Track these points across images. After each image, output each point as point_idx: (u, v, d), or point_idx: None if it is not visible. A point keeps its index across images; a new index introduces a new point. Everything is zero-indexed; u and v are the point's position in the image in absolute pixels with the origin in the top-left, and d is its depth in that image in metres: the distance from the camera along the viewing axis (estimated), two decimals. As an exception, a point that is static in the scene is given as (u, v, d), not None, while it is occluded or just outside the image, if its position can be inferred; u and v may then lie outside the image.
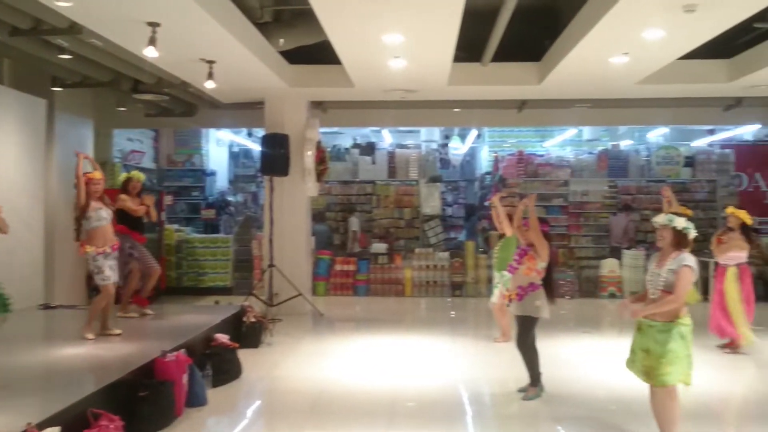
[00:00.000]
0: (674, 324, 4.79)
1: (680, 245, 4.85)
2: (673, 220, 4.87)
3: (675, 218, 4.88)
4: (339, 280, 13.64)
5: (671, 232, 4.86)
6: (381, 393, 6.76)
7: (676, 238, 4.85)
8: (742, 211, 8.63)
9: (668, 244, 4.88)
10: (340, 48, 8.45)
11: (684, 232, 4.85)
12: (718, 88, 10.84)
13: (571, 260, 14.37)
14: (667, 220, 4.89)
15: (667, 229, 4.87)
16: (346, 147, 17.26)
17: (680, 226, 4.84)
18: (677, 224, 4.85)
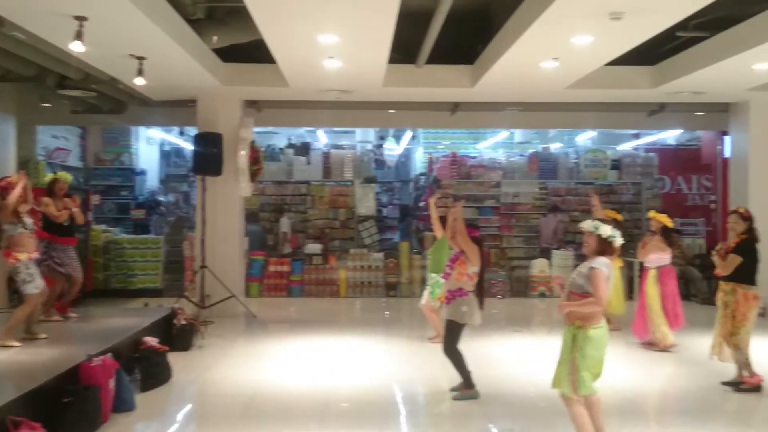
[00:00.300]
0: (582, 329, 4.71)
1: (604, 253, 4.80)
2: (599, 228, 4.81)
3: (601, 225, 4.82)
4: (273, 281, 13.51)
5: (596, 239, 4.81)
6: (315, 394, 6.73)
7: (601, 246, 4.80)
8: (663, 215, 8.92)
9: (592, 251, 4.83)
10: (274, 47, 8.38)
11: (609, 240, 4.79)
12: (643, 93, 11.24)
13: (502, 260, 14.63)
14: (593, 227, 4.83)
15: (592, 236, 4.82)
16: (280, 147, 17.12)
17: (605, 234, 4.79)
18: (602, 232, 4.79)
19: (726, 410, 6.42)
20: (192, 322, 8.68)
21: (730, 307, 6.72)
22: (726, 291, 6.76)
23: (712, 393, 6.81)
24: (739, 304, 6.67)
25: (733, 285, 6.72)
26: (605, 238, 4.77)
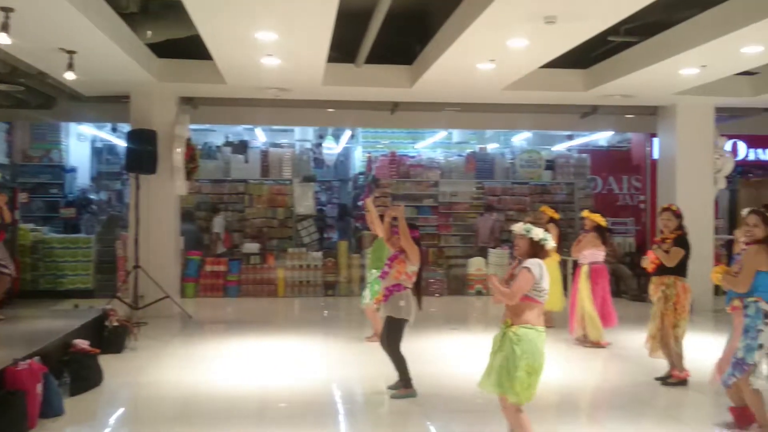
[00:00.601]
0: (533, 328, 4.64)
1: (536, 256, 4.74)
2: (531, 231, 4.74)
3: (533, 228, 4.76)
4: (209, 281, 13.28)
5: (528, 242, 4.74)
6: (252, 395, 6.66)
7: (532, 249, 4.73)
8: (596, 214, 9.14)
9: (523, 254, 4.77)
10: (211, 43, 8.24)
11: (541, 243, 4.73)
12: (576, 96, 11.53)
13: (440, 259, 14.77)
14: (525, 230, 4.76)
15: (524, 239, 4.76)
16: (217, 145, 16.85)
17: (537, 237, 4.72)
18: (534, 235, 4.73)
19: (657, 405, 6.63)
20: (125, 323, 8.47)
21: (671, 300, 6.90)
22: (668, 284, 6.92)
23: (644, 388, 7.02)
24: (680, 296, 6.90)
25: (674, 278, 6.92)
26: (537, 241, 4.72)
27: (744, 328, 5.23)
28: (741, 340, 5.23)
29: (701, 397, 6.80)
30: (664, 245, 6.96)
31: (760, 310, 5.16)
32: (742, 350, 5.21)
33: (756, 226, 5.29)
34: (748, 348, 5.18)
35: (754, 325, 5.16)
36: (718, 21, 7.74)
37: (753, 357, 5.16)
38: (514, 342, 4.55)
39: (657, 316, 6.97)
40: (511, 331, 4.60)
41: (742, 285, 5.22)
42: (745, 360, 5.18)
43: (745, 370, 5.19)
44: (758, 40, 7.84)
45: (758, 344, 5.14)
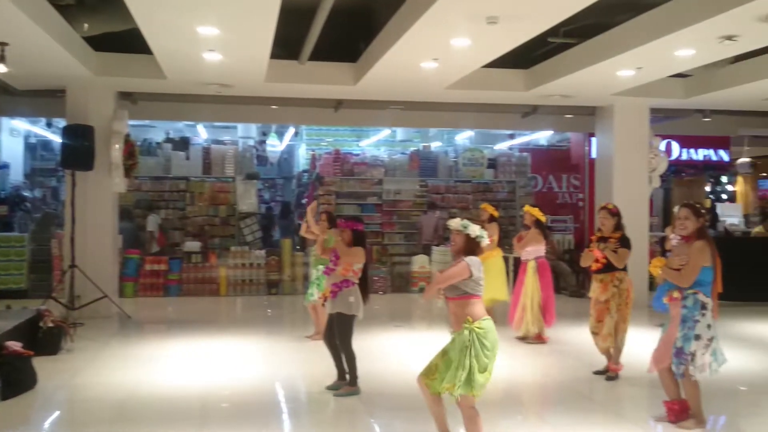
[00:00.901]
0: (466, 328, 4.63)
1: (471, 252, 4.73)
2: (468, 227, 4.75)
3: (470, 225, 4.77)
4: (149, 280, 13.02)
5: (464, 238, 4.74)
6: (193, 396, 6.55)
7: (468, 245, 4.73)
8: (535, 208, 9.28)
9: (459, 250, 4.76)
10: (150, 37, 8.07)
11: (477, 240, 4.74)
12: (517, 96, 11.72)
13: (383, 257, 14.82)
14: (461, 226, 4.76)
15: (460, 235, 4.76)
16: (157, 141, 16.52)
17: (474, 234, 4.73)
18: (471, 231, 4.73)
19: (595, 399, 6.80)
20: (60, 324, 8.23)
21: (623, 296, 7.08)
22: (620, 279, 7.07)
23: (583, 382, 7.18)
24: (629, 291, 7.11)
25: (621, 274, 7.09)
26: (473, 237, 4.72)
27: (682, 318, 5.36)
28: (679, 330, 5.37)
29: (635, 389, 7.01)
30: (610, 245, 7.07)
31: (698, 301, 5.31)
32: (680, 339, 5.36)
33: (687, 218, 5.43)
34: (685, 337, 5.32)
35: (692, 315, 5.31)
36: (652, 25, 7.98)
37: (690, 346, 5.30)
38: (482, 336, 4.59)
39: (613, 314, 7.06)
40: (475, 326, 4.60)
41: (686, 280, 5.33)
42: (683, 349, 5.33)
43: (685, 359, 5.34)
44: (690, 43, 8.11)
45: (695, 334, 5.30)
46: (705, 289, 5.35)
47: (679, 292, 5.39)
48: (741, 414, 6.05)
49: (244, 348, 8.76)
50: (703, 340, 5.31)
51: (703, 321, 5.31)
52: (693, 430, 5.46)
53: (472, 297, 4.67)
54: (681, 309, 5.37)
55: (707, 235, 5.49)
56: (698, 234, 5.42)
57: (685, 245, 5.48)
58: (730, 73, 10.56)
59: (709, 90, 11.19)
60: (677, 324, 5.39)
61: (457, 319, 4.69)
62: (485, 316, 4.70)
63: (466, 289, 4.66)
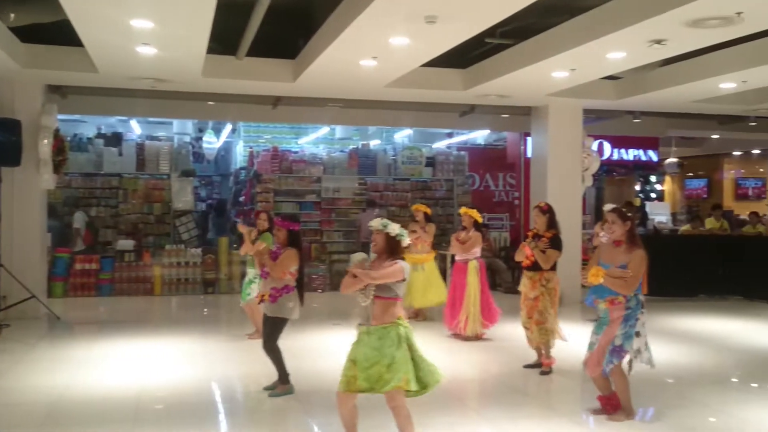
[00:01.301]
0: (392, 326, 4.71)
1: (393, 252, 4.76)
2: (388, 226, 4.76)
3: (390, 224, 4.78)
4: (80, 279, 12.63)
5: (384, 238, 4.76)
6: (126, 397, 6.39)
7: (389, 245, 4.76)
8: (473, 210, 9.35)
9: (381, 249, 4.79)
10: (81, 30, 7.80)
11: (398, 239, 4.76)
12: (455, 95, 11.84)
13: (322, 255, 14.76)
14: (381, 226, 4.77)
15: (380, 235, 4.78)
16: (89, 136, 16.02)
17: (394, 233, 4.74)
18: (391, 230, 4.75)
19: (530, 393, 6.94)
20: (-15, 326, 7.92)
21: (551, 295, 7.25)
22: (549, 278, 7.24)
23: (518, 377, 7.32)
24: (556, 291, 7.29)
25: (550, 274, 7.26)
26: (393, 236, 4.74)
27: (624, 317, 5.50)
28: (620, 329, 5.50)
29: (568, 383, 7.20)
30: (540, 244, 7.22)
31: (640, 301, 5.54)
32: (620, 338, 5.49)
33: (614, 222, 5.60)
34: (626, 335, 5.49)
35: (635, 314, 5.50)
36: (586, 28, 8.18)
37: (630, 344, 5.49)
38: (411, 334, 4.75)
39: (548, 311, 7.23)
40: (402, 326, 4.72)
41: (631, 289, 5.47)
42: (623, 347, 5.49)
43: (622, 356, 5.51)
44: (621, 46, 8.35)
45: (635, 332, 5.50)
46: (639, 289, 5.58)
47: (623, 296, 5.51)
48: (669, 405, 6.26)
49: (179, 348, 8.59)
50: (643, 337, 5.55)
51: (642, 318, 5.55)
52: (623, 421, 5.63)
53: (397, 299, 4.77)
54: (624, 311, 5.50)
55: (638, 240, 5.62)
56: (629, 238, 5.58)
57: (612, 247, 5.65)
58: (659, 76, 10.92)
59: (640, 92, 11.55)
60: (617, 325, 5.51)
61: (378, 318, 4.73)
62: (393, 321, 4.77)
63: (397, 292, 4.72)
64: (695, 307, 11.82)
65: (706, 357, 8.32)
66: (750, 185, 23.02)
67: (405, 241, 4.80)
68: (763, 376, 7.52)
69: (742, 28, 7.43)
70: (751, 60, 9.28)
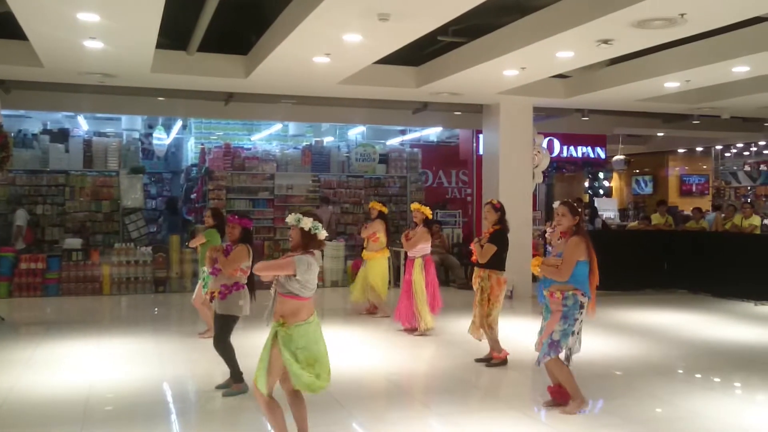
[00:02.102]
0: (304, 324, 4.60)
1: (308, 246, 4.68)
2: (301, 221, 4.67)
3: (303, 218, 4.68)
4: (25, 279, 12.26)
5: (299, 233, 4.68)
6: (74, 399, 6.24)
7: (304, 239, 4.68)
8: (425, 207, 9.44)
9: (297, 244, 4.71)
10: (25, 22, 7.60)
11: (312, 233, 4.67)
12: (408, 92, 11.91)
13: (275, 252, 14.66)
14: (295, 220, 4.68)
15: (295, 230, 4.70)
16: (34, 132, 15.61)
17: (307, 227, 4.65)
18: (304, 225, 4.65)
19: (480, 386, 7.03)
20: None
21: (486, 292, 7.36)
22: (483, 277, 7.39)
23: (468, 370, 7.40)
24: (493, 288, 7.36)
25: (488, 271, 7.37)
26: (308, 231, 4.66)
27: (563, 314, 5.63)
28: (559, 325, 5.63)
29: (520, 376, 7.31)
30: (483, 237, 7.42)
31: (578, 301, 5.62)
32: (558, 333, 5.63)
33: (563, 215, 5.73)
34: (564, 333, 5.62)
35: (572, 314, 5.62)
36: (535, 27, 8.32)
37: (567, 341, 5.66)
38: (285, 341, 4.56)
39: (476, 305, 7.46)
40: (282, 330, 4.59)
41: (564, 274, 5.61)
42: (560, 343, 5.64)
43: (558, 351, 5.67)
44: (570, 46, 8.52)
45: (573, 331, 5.64)
46: (582, 285, 5.63)
47: (560, 292, 5.64)
48: (616, 397, 6.43)
49: (129, 348, 8.42)
50: (576, 335, 5.71)
51: (580, 318, 5.67)
52: (576, 411, 5.74)
53: (295, 298, 4.60)
54: (562, 307, 5.65)
55: (583, 230, 5.77)
56: (575, 231, 5.71)
57: (563, 241, 5.78)
58: (606, 75, 11.17)
59: (587, 90, 11.80)
60: (557, 318, 5.67)
61: (278, 314, 4.67)
62: (302, 320, 4.59)
63: (290, 288, 4.59)
64: (642, 301, 12.12)
65: (652, 349, 8.53)
66: (694, 182, 23.70)
67: (321, 234, 4.71)
68: (708, 367, 7.76)
69: (686, 29, 7.66)
70: (694, 60, 9.56)
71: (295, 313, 4.60)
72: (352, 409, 5.96)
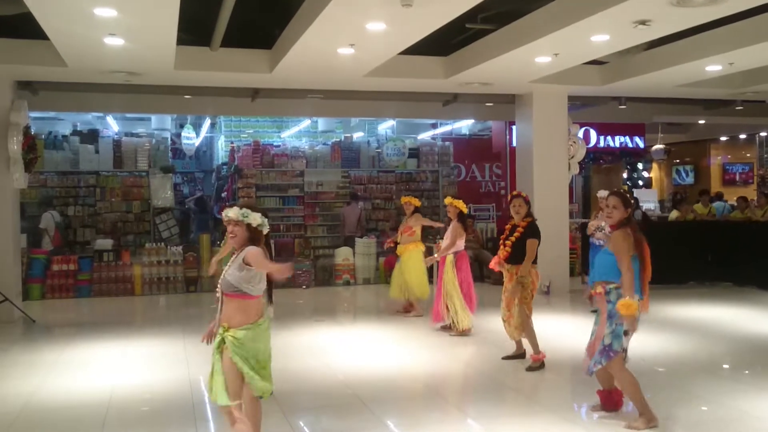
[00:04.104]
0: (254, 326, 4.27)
1: (255, 242, 4.29)
2: (248, 216, 4.27)
3: (250, 213, 4.29)
4: (57, 281, 12.28)
5: (244, 229, 4.27)
6: (104, 401, 6.10)
7: (250, 235, 4.28)
8: (459, 200, 8.98)
9: (241, 241, 4.28)
10: (44, 21, 7.48)
11: (259, 229, 4.30)
12: (437, 83, 11.59)
13: (306, 250, 14.49)
14: (241, 215, 4.26)
15: (240, 225, 4.27)
16: (64, 134, 15.69)
17: (255, 223, 4.27)
18: (252, 220, 4.27)
19: (518, 388, 6.67)
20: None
21: (528, 288, 6.94)
22: (523, 273, 6.91)
23: (505, 371, 7.04)
24: (534, 284, 6.98)
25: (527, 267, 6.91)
26: (255, 227, 4.28)
27: (608, 314, 5.11)
28: (606, 327, 5.11)
29: (558, 378, 6.96)
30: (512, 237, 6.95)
31: (621, 296, 5.02)
32: (609, 336, 5.09)
33: (615, 207, 5.21)
34: (615, 335, 5.07)
35: (617, 312, 5.02)
36: (568, 10, 7.94)
37: (620, 343, 5.08)
38: (236, 347, 4.19)
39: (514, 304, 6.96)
40: (230, 335, 4.21)
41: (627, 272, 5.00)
42: (612, 346, 5.08)
43: (611, 356, 5.09)
44: (605, 29, 8.12)
45: (624, 330, 5.05)
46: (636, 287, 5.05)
47: (602, 287, 5.17)
48: (659, 395, 6.04)
49: (159, 350, 8.31)
50: (631, 334, 5.11)
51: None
52: (644, 428, 5.08)
53: (244, 297, 4.25)
54: (606, 304, 5.15)
55: (632, 223, 5.24)
56: (624, 222, 5.19)
57: (606, 234, 5.40)
58: (644, 60, 10.71)
59: (624, 77, 11.34)
60: (605, 320, 5.16)
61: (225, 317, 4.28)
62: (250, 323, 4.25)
63: (239, 287, 4.22)
64: (685, 295, 11.65)
65: (696, 345, 8.13)
66: (737, 170, 22.92)
67: (266, 230, 4.35)
68: (755, 363, 7.35)
69: (728, 7, 7.23)
70: (738, 41, 9.08)
71: (245, 314, 4.24)
72: (383, 414, 5.71)
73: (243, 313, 4.25)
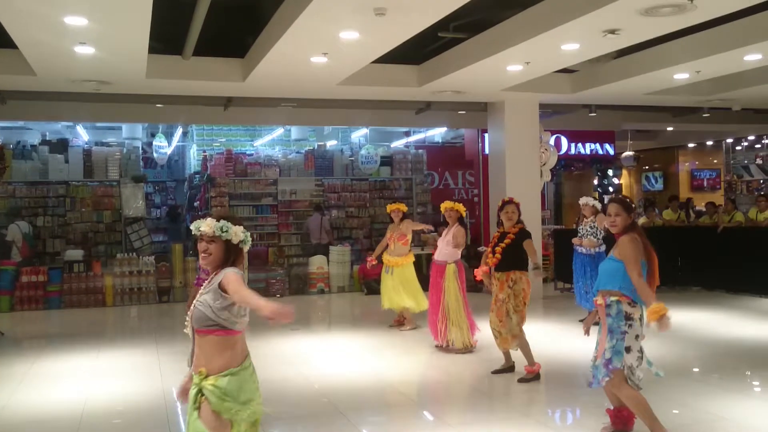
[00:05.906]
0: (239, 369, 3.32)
1: (233, 262, 3.39)
2: (229, 230, 3.35)
3: (231, 227, 3.36)
4: (27, 293, 12.06)
5: (222, 247, 3.36)
6: (68, 415, 6.01)
7: (228, 254, 3.38)
8: (459, 204, 8.35)
9: (216, 261, 3.38)
10: (12, 28, 7.37)
11: (240, 246, 3.42)
12: (410, 92, 11.65)
13: (280, 259, 14.43)
14: (220, 230, 3.33)
15: (217, 243, 3.36)
16: (33, 144, 15.45)
17: (237, 239, 3.38)
18: (233, 236, 3.36)
19: (507, 401, 6.57)
20: None
21: (520, 296, 6.73)
22: (514, 280, 6.74)
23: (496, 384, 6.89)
24: (525, 291, 6.77)
25: (519, 273, 6.76)
26: (236, 243, 3.40)
27: (609, 328, 4.80)
28: (608, 341, 4.79)
29: (534, 386, 6.95)
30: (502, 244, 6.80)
31: (621, 311, 4.75)
32: (609, 351, 4.78)
33: (617, 215, 4.91)
34: (615, 351, 4.75)
35: (618, 326, 4.76)
36: (539, 19, 8.03)
37: (620, 360, 4.74)
38: (218, 397, 3.26)
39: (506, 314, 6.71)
40: (209, 384, 3.27)
41: (636, 277, 4.68)
42: (612, 362, 4.75)
43: (610, 372, 4.77)
44: (575, 37, 8.23)
45: (625, 347, 4.74)
46: (633, 291, 4.74)
47: (603, 297, 4.85)
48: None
49: (131, 361, 8.20)
50: (634, 352, 4.76)
51: (632, 332, 4.76)
52: None
53: (225, 333, 3.33)
54: (606, 318, 4.82)
55: (637, 228, 4.96)
56: (628, 228, 4.91)
57: None
58: (613, 69, 10.87)
59: (594, 85, 11.50)
60: (606, 332, 4.86)
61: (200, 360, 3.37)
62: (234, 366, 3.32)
63: (218, 320, 3.31)
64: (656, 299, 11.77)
65: (667, 349, 8.19)
66: (705, 176, 23.31)
67: (247, 247, 3.48)
68: (725, 367, 7.45)
69: (695, 16, 7.36)
70: (705, 49, 9.26)
71: (227, 355, 3.31)
72: (360, 422, 5.70)
73: (224, 353, 3.31)
